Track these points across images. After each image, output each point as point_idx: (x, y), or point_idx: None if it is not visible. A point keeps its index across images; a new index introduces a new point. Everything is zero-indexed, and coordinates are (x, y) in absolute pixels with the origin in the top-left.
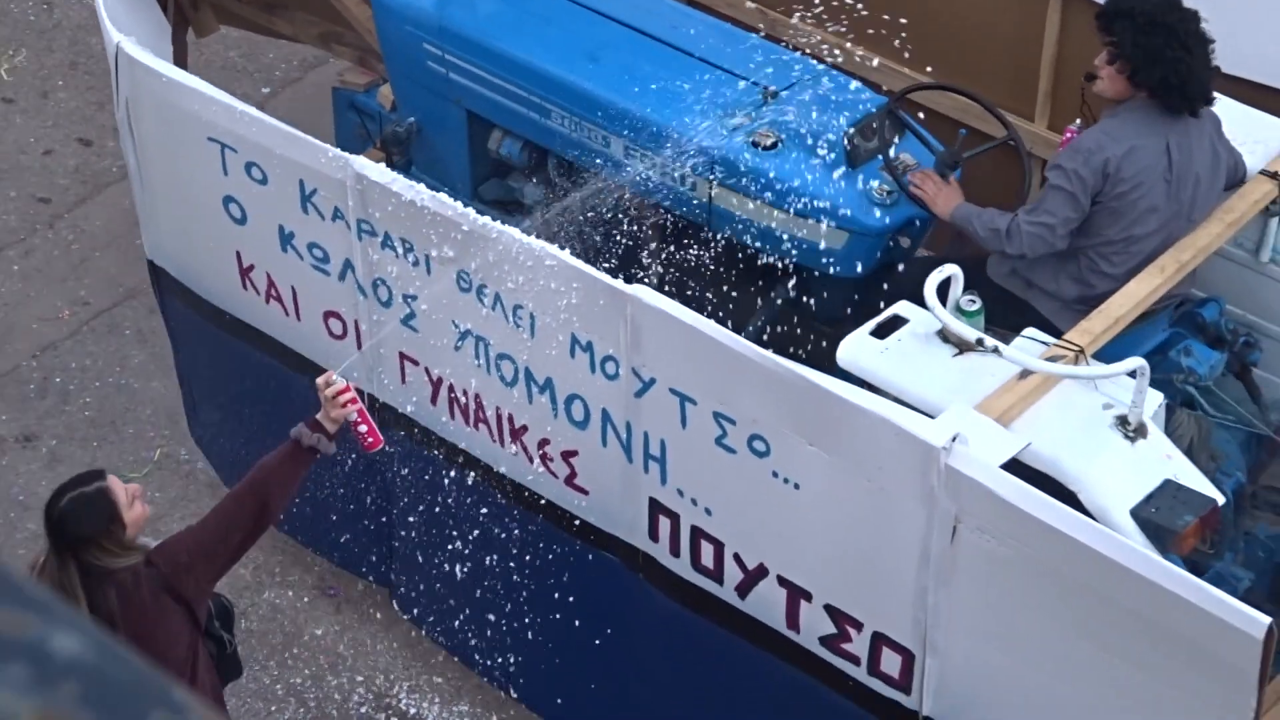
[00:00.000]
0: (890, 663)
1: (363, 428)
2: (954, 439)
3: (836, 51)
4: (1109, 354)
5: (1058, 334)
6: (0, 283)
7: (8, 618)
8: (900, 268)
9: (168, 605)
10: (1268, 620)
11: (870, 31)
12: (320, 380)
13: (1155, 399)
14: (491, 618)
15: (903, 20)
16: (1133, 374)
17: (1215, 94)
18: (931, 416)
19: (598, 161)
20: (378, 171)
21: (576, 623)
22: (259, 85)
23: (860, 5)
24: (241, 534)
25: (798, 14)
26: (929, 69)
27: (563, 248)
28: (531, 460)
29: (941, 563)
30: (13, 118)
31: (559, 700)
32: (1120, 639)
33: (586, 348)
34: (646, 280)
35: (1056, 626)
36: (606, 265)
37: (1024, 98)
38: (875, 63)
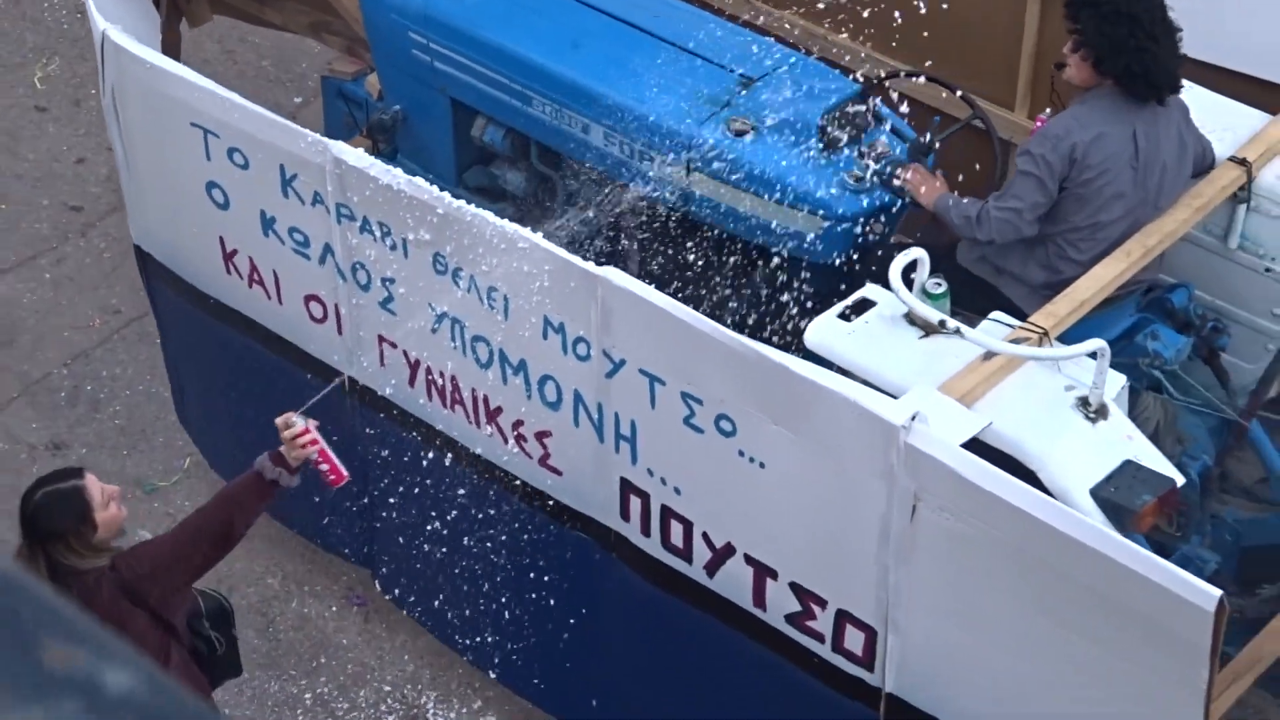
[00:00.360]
0: (854, 640)
1: (324, 466)
2: (914, 418)
3: (819, 41)
4: (1078, 338)
5: (1025, 319)
6: (32, 290)
7: (60, 653)
8: (880, 254)
9: (127, 609)
10: (1218, 593)
11: (852, 23)
12: (280, 421)
13: (1117, 381)
14: (471, 598)
15: (881, 8)
16: (1094, 355)
17: (1184, 81)
18: (896, 397)
19: (579, 148)
20: (355, 156)
21: (552, 602)
22: (291, 95)
23: None
24: (202, 556)
25: (784, 7)
26: (911, 59)
27: (548, 237)
28: (506, 441)
29: (901, 541)
30: (46, 126)
31: (536, 680)
32: (1077, 615)
33: (559, 329)
34: (627, 266)
35: (1015, 603)
36: (588, 250)
37: (1005, 88)
38: (862, 54)
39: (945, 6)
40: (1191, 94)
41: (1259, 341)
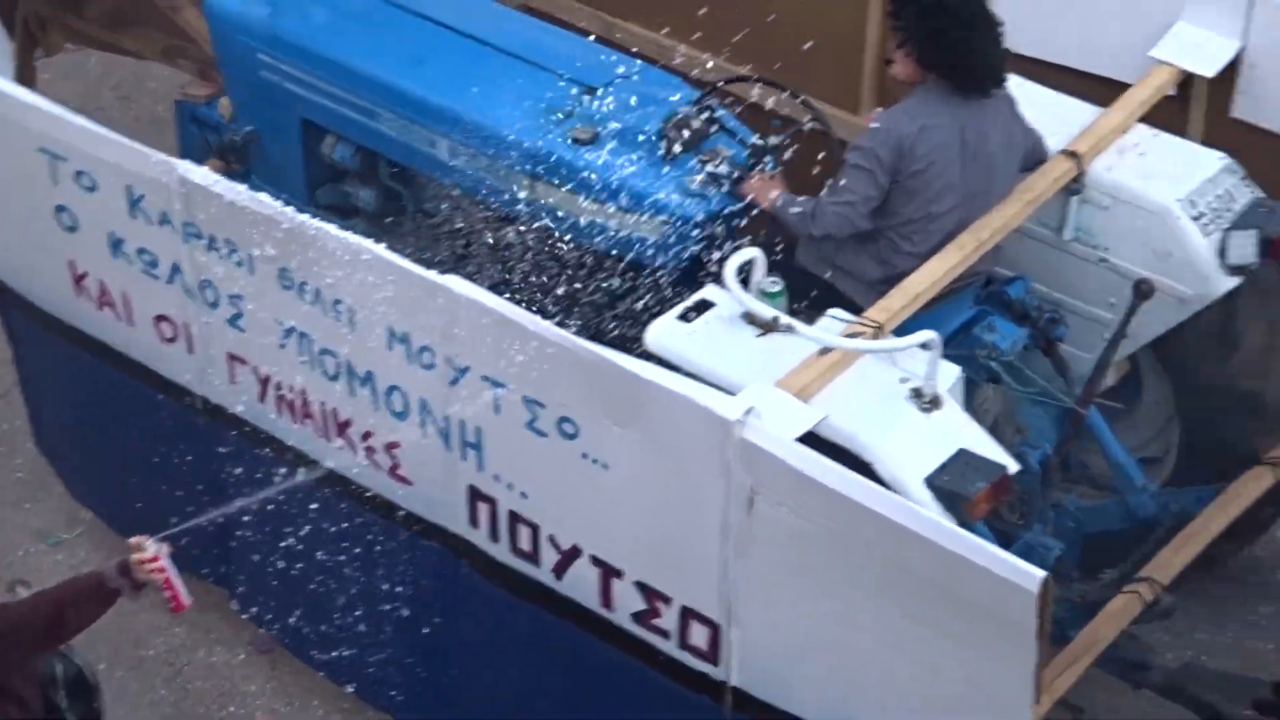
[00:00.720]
0: (698, 635)
1: (166, 593)
2: (748, 413)
3: (663, 50)
4: (918, 331)
5: (862, 314)
6: None
7: None
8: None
9: None
10: (1042, 573)
11: (697, 32)
12: (133, 542)
13: (951, 372)
14: (326, 612)
15: (724, 17)
16: (925, 347)
17: (1017, 76)
18: (735, 395)
19: (426, 162)
20: (201, 174)
21: (406, 612)
22: None
23: (692, 5)
24: (33, 638)
25: (628, 18)
26: (756, 66)
27: (394, 249)
28: (356, 453)
29: (740, 536)
30: None
31: (394, 692)
32: (912, 602)
33: (403, 339)
34: (473, 275)
35: (852, 593)
36: (436, 261)
37: (849, 92)
38: (706, 62)
39: (788, 14)
40: (1024, 89)
41: (1096, 331)
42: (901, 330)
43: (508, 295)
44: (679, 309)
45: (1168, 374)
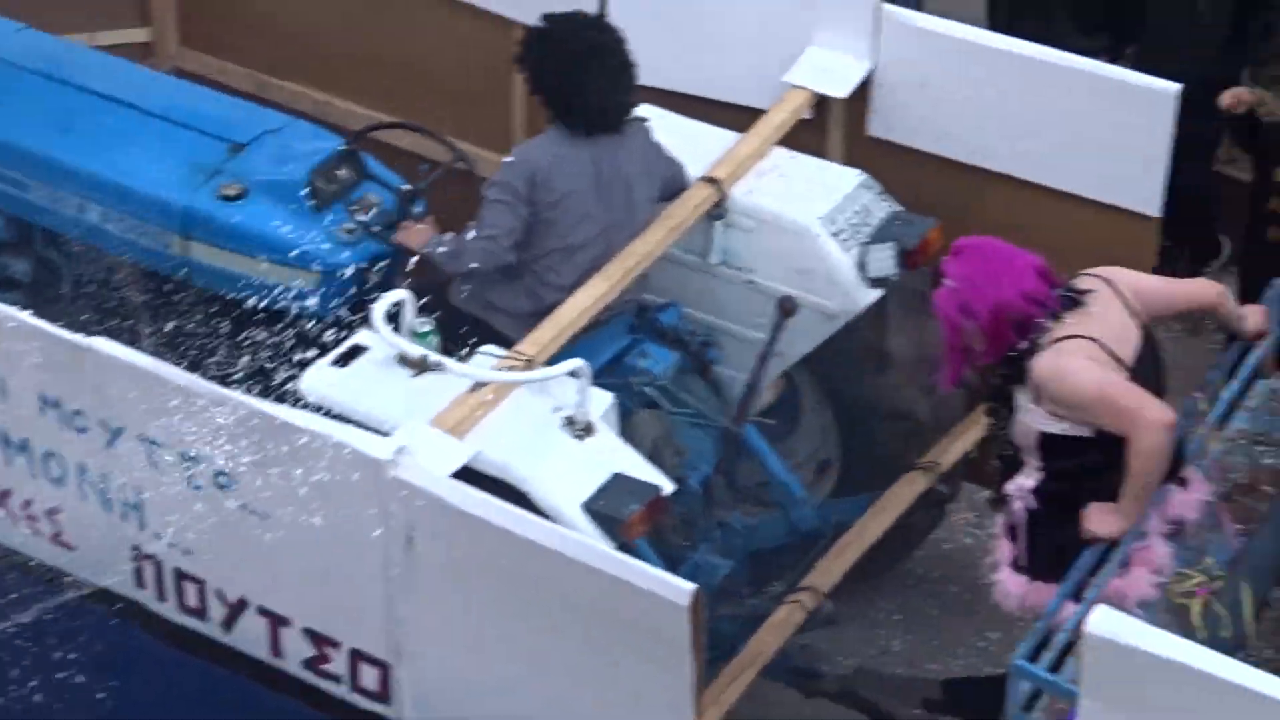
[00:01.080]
0: (369, 677)
1: None
2: (399, 452)
3: (313, 103)
4: (566, 361)
5: None
6: None
7: None
8: None
9: None
10: (692, 587)
11: (347, 85)
12: None
13: (603, 399)
14: (2, 685)
15: (372, 68)
16: (575, 375)
17: (656, 109)
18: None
19: (78, 229)
20: None
21: (81, 679)
22: None
23: (342, 59)
24: None
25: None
26: (408, 115)
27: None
28: (17, 522)
29: (402, 574)
30: None
31: None
32: (573, 627)
33: (55, 404)
34: (140, 340)
35: (515, 622)
36: (91, 326)
37: (502, 134)
38: (357, 113)
39: (438, 63)
40: (664, 121)
41: (749, 351)
42: (555, 362)
43: (169, 356)
44: (332, 355)
45: (824, 390)
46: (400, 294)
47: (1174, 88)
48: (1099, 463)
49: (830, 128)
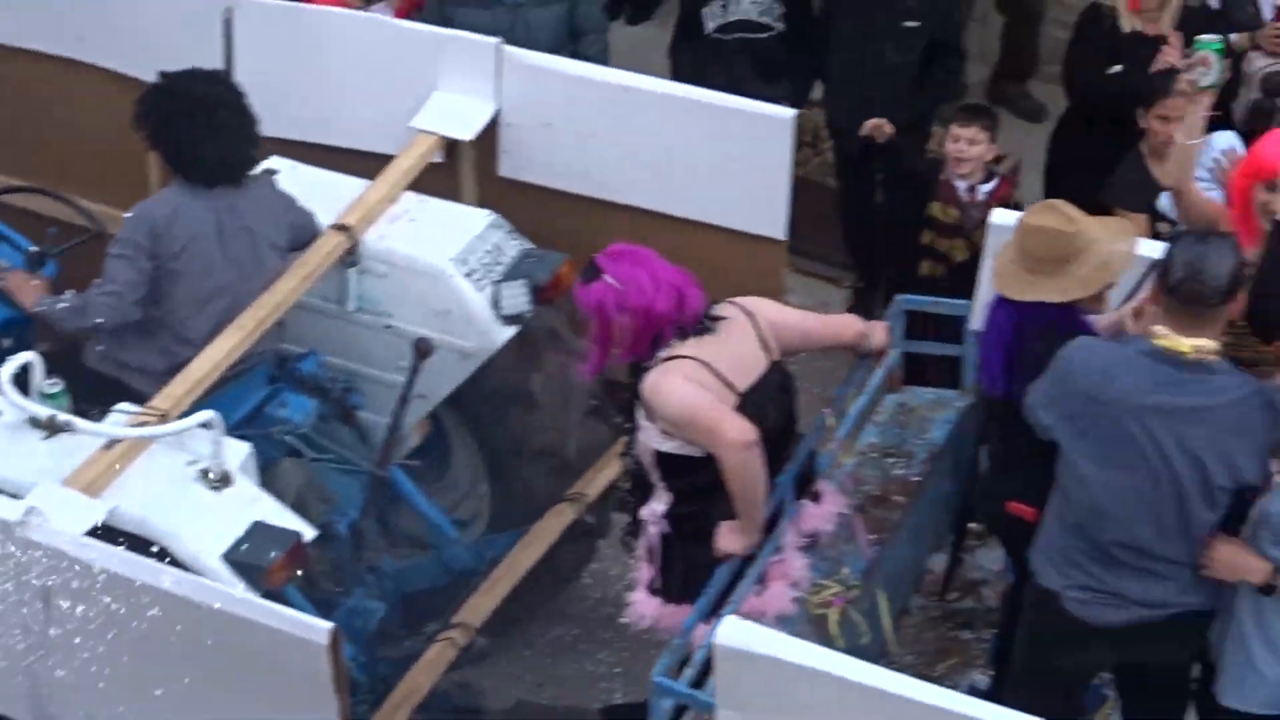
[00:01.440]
0: None
1: None
2: (28, 513)
3: None
4: (197, 414)
5: None
6: None
7: None
8: None
9: None
10: (329, 625)
11: None
12: None
13: (239, 450)
14: None
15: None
16: (206, 426)
17: (286, 160)
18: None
19: None
20: None
21: None
22: None
23: None
24: None
25: None
26: (46, 179)
27: None
28: None
29: (43, 636)
30: None
31: None
32: (219, 675)
33: None
34: None
35: (162, 675)
36: None
37: (138, 195)
38: None
39: (73, 130)
40: (295, 172)
41: (392, 395)
42: (190, 415)
43: None
44: None
45: (470, 428)
46: (27, 356)
47: (790, 113)
48: (709, 482)
49: (462, 170)
